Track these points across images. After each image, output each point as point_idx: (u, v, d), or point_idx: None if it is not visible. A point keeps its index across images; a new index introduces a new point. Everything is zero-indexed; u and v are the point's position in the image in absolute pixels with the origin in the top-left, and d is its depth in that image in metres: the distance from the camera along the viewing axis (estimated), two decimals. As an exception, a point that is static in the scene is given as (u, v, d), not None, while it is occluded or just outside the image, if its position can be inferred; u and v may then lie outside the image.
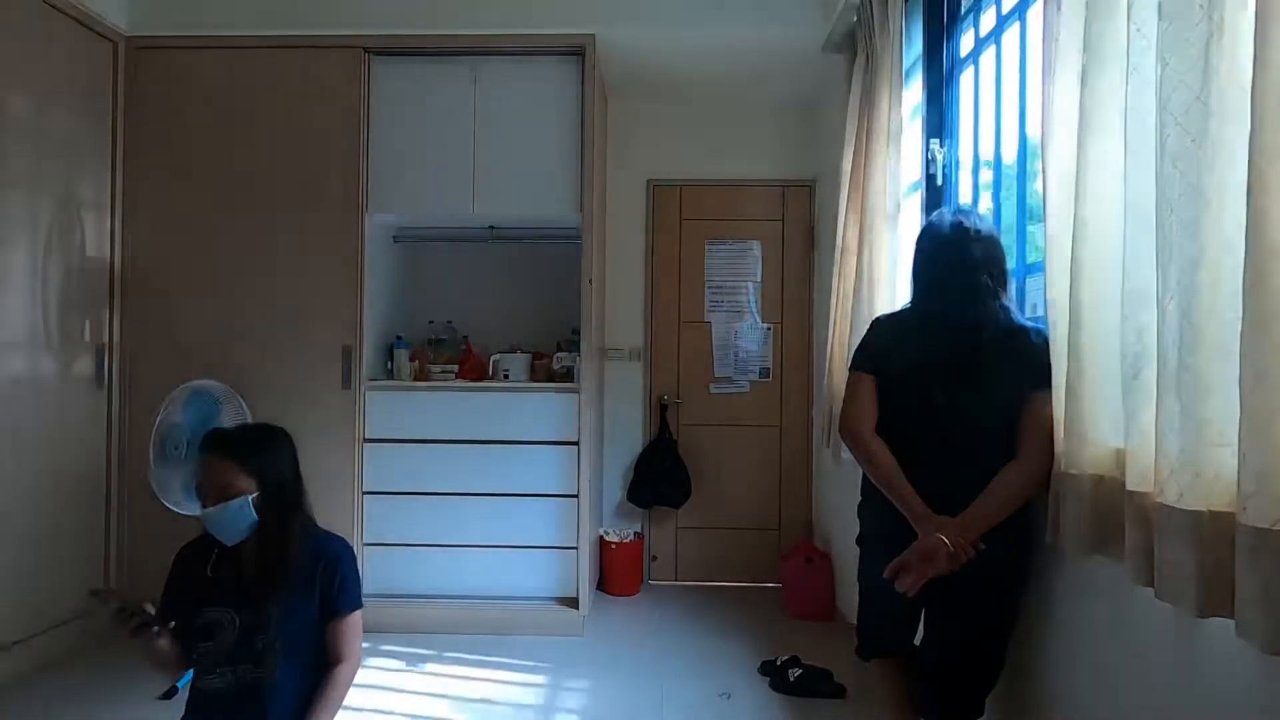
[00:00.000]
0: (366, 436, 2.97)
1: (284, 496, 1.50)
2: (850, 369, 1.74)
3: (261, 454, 1.49)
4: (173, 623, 1.41)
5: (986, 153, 2.15)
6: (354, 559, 1.62)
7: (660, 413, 3.70)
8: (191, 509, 2.29)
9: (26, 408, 2.57)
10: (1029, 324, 1.59)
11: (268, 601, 1.46)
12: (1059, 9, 1.35)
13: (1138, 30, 1.13)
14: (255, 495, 1.45)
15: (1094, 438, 1.24)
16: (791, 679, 2.48)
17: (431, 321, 3.38)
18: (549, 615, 2.93)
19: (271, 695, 1.46)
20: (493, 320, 3.41)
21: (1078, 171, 1.26)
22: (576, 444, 2.95)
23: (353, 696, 2.39)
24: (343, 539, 1.61)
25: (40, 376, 2.63)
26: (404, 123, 3.02)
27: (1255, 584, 0.85)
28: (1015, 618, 1.58)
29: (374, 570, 2.90)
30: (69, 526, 2.73)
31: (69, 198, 2.76)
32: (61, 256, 2.72)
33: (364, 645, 2.61)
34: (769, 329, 3.75)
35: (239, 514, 1.44)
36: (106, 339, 2.91)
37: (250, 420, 2.48)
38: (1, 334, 2.49)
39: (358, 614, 1.55)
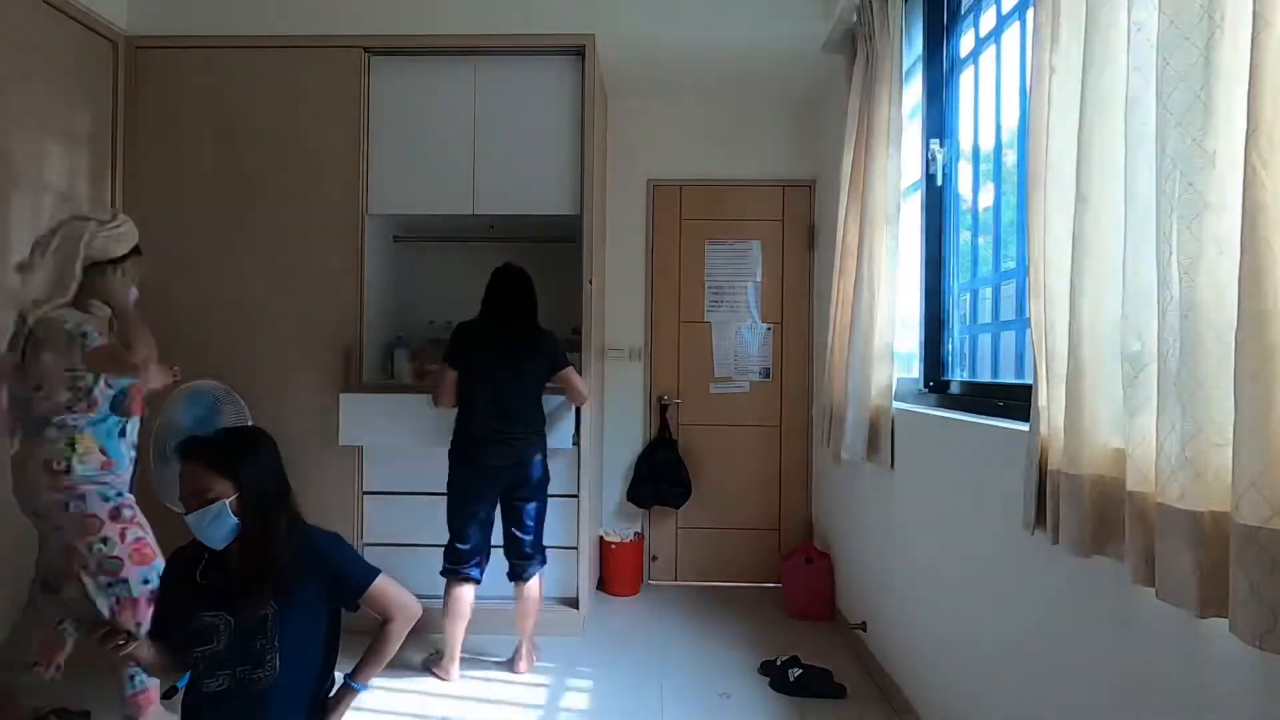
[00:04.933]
0: (366, 436, 2.96)
1: (265, 499, 1.49)
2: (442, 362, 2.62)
3: (237, 458, 1.48)
4: (143, 634, 1.41)
5: (987, 153, 2.15)
6: (341, 543, 1.61)
7: (660, 413, 3.70)
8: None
9: (26, 408, 2.57)
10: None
11: (258, 604, 1.46)
12: (1059, 9, 1.35)
13: (1138, 30, 1.13)
14: (233, 499, 1.44)
15: (1094, 438, 1.24)
16: (791, 679, 2.48)
17: (432, 322, 3.38)
18: (549, 615, 2.93)
19: (272, 696, 1.46)
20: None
21: (1078, 171, 1.26)
22: (577, 444, 2.94)
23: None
24: (326, 531, 1.61)
25: (40, 376, 2.62)
26: (404, 123, 3.02)
27: (1246, 581, 0.86)
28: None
29: (374, 570, 2.90)
30: (69, 526, 2.72)
31: (69, 197, 2.76)
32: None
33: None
34: (769, 329, 3.75)
35: (217, 519, 1.44)
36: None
37: (250, 421, 2.48)
38: (1, 334, 2.49)
39: (379, 579, 1.56)
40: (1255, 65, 0.86)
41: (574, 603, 2.99)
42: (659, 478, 3.60)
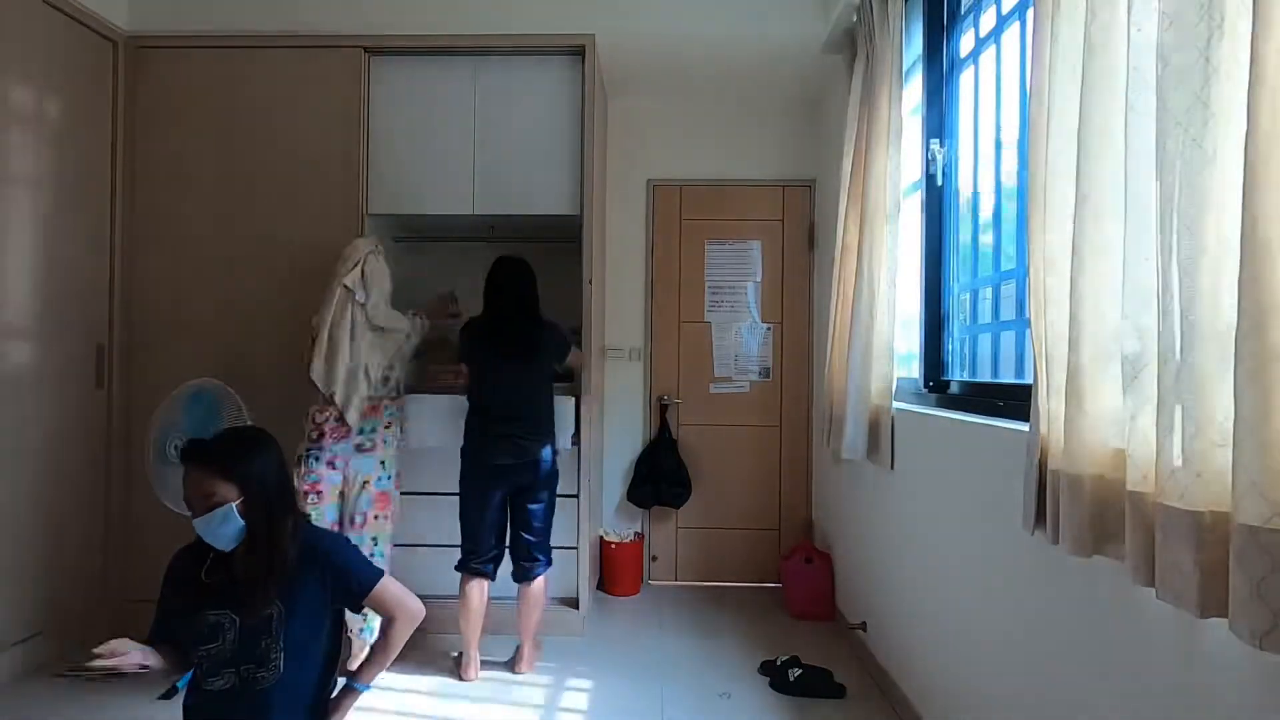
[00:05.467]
0: (366, 436, 2.96)
1: (269, 500, 1.49)
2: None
3: (241, 461, 1.49)
4: (150, 660, 1.43)
5: (986, 153, 2.15)
6: (347, 544, 1.64)
7: (660, 413, 3.70)
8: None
9: (26, 407, 2.57)
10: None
11: (263, 603, 1.47)
12: (1059, 9, 1.35)
13: (1138, 30, 1.13)
14: (239, 502, 1.45)
15: (1094, 438, 1.24)
16: (791, 679, 2.48)
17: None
18: (549, 615, 2.93)
19: (276, 695, 1.46)
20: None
21: (1078, 171, 1.26)
22: (577, 445, 2.94)
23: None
24: (330, 532, 1.63)
25: (40, 376, 2.63)
26: (404, 123, 3.02)
27: (1246, 581, 0.86)
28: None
29: (374, 570, 2.90)
30: (68, 526, 2.73)
31: (69, 196, 2.76)
32: (61, 255, 2.72)
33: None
34: (769, 329, 3.75)
35: (225, 522, 1.44)
36: (106, 339, 2.91)
37: (249, 421, 2.48)
38: (1, 333, 2.49)
39: (383, 581, 1.57)
40: (1255, 65, 0.86)
41: (574, 603, 2.99)
42: (659, 478, 3.60)
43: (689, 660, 2.74)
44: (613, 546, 3.45)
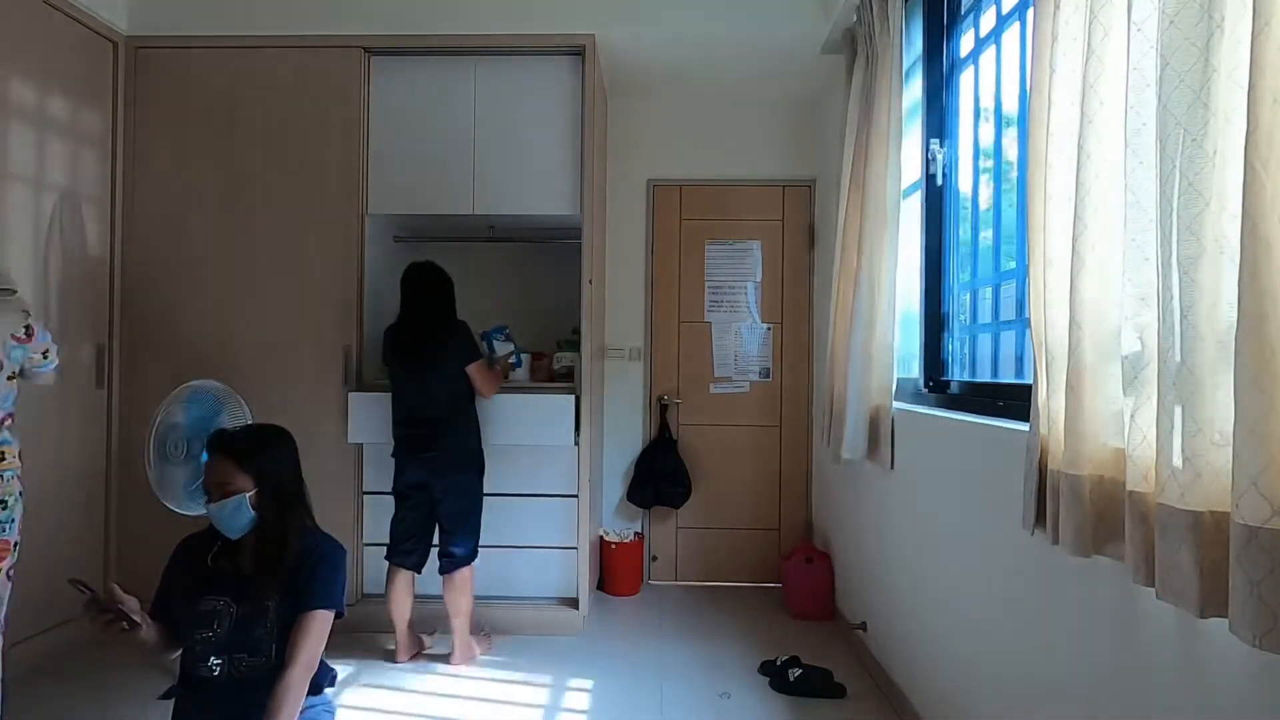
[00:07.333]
0: (366, 436, 2.96)
1: (282, 495, 1.56)
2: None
3: (260, 455, 1.55)
4: (143, 625, 1.45)
5: (987, 153, 2.15)
6: (340, 561, 1.61)
7: (660, 413, 3.70)
8: (192, 508, 2.34)
9: (26, 407, 2.56)
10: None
11: (264, 594, 1.51)
12: (1059, 9, 1.35)
13: (1138, 30, 1.13)
14: (252, 493, 1.52)
15: (1094, 438, 1.24)
16: (791, 679, 2.48)
17: (431, 321, 3.37)
18: (549, 615, 2.93)
19: (263, 686, 1.48)
20: (492, 320, 3.41)
21: (1078, 171, 1.26)
22: (576, 444, 2.94)
23: (354, 696, 2.39)
24: (336, 542, 1.63)
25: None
26: (404, 122, 3.02)
27: (1246, 581, 0.86)
28: None
29: (373, 570, 2.90)
30: (69, 526, 2.73)
31: (69, 197, 2.76)
32: (62, 256, 2.72)
33: (365, 641, 2.60)
34: (769, 329, 3.75)
35: (237, 510, 1.51)
36: (106, 339, 2.91)
37: (250, 420, 2.49)
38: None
39: (323, 614, 1.52)
40: (1255, 65, 0.86)
41: (574, 603, 2.99)
42: (659, 478, 3.60)
43: (689, 660, 2.74)
44: (613, 546, 3.45)
